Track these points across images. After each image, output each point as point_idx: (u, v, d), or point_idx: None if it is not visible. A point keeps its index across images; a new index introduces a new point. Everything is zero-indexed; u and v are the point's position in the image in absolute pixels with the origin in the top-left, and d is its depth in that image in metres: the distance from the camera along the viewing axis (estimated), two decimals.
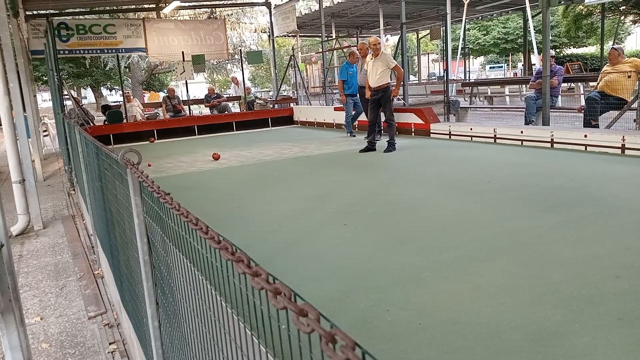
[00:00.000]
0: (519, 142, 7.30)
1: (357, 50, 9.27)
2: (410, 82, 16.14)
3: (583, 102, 8.52)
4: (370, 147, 7.67)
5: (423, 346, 2.10)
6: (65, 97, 9.89)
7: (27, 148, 5.75)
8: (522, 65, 23.00)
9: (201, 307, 1.11)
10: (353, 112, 9.78)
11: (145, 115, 14.07)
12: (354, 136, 9.63)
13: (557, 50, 26.79)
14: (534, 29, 15.38)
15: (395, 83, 7.85)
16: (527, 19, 15.32)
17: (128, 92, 15.13)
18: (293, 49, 14.85)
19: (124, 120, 12.31)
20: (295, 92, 14.73)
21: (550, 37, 10.24)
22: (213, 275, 0.96)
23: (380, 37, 16.68)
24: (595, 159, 5.90)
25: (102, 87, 29.39)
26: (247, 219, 4.37)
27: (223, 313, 0.99)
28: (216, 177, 6.62)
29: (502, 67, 33.85)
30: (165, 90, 16.23)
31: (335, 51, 16.42)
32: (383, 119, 7.91)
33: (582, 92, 11.84)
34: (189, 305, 1.21)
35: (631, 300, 2.37)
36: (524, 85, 13.67)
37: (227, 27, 17.34)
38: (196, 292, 1.13)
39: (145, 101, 19.61)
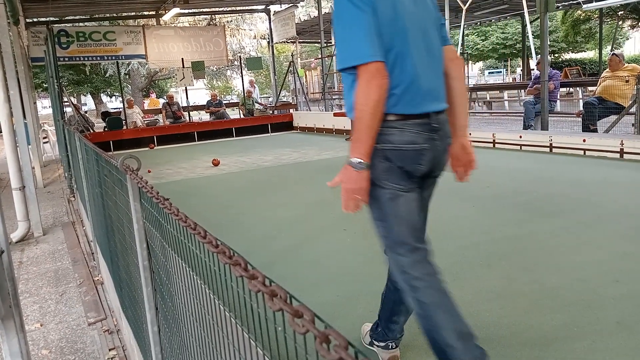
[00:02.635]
0: (518, 147, 7.32)
1: None
2: None
3: (582, 107, 8.54)
4: None
5: (422, 351, 2.10)
6: (65, 104, 9.92)
7: (27, 155, 5.75)
8: (521, 70, 23.07)
9: (200, 312, 1.12)
10: None
11: (145, 122, 14.11)
12: None
13: (556, 55, 26.87)
14: (533, 35, 15.43)
15: None
16: (526, 24, 15.38)
17: (130, 98, 15.16)
18: (292, 55, 14.89)
19: (124, 127, 12.36)
20: (295, 98, 14.77)
21: (549, 42, 10.27)
22: (211, 280, 0.97)
23: None
24: (594, 164, 5.91)
25: (102, 94, 29.48)
26: (247, 225, 4.38)
27: (221, 317, 1.00)
28: (216, 183, 6.62)
29: (501, 72, 33.94)
30: (165, 97, 16.29)
31: (334, 57, 16.47)
32: None
33: (580, 96, 11.87)
34: (188, 310, 1.22)
35: (630, 305, 2.37)
36: (522, 90, 13.71)
37: (227, 33, 17.40)
38: (195, 297, 1.14)
39: (145, 107, 19.64)
